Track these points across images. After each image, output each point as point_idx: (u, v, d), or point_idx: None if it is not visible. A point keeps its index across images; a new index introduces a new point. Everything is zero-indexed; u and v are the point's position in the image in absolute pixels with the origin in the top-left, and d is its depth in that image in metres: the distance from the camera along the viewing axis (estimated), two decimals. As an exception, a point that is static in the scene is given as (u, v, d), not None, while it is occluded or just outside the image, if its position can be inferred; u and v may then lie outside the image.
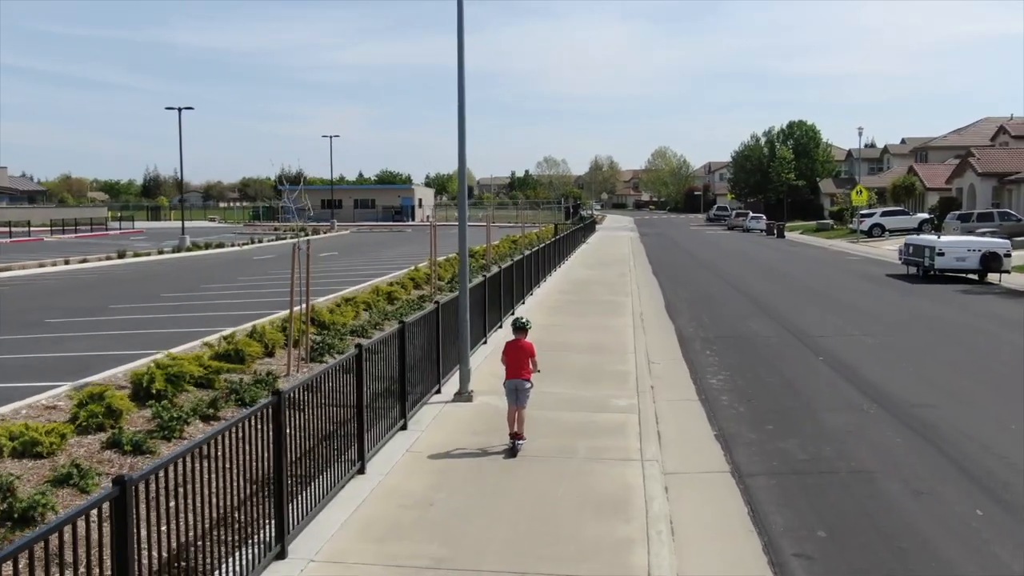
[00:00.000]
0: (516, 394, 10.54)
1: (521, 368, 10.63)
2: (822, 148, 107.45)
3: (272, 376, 13.05)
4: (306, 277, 14.79)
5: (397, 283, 23.78)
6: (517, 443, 10.41)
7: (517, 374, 10.61)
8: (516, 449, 10.34)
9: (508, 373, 10.72)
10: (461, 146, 13.31)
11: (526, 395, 10.62)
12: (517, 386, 10.56)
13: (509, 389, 10.64)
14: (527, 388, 10.62)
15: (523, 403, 10.57)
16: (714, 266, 40.35)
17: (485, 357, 16.45)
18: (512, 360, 10.71)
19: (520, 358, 10.68)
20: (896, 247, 51.37)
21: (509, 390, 10.63)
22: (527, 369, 10.67)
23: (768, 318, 22.81)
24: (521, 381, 10.57)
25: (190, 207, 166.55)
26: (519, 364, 10.65)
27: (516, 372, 10.62)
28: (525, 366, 10.66)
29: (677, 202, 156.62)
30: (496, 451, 10.44)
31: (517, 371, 10.62)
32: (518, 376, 10.59)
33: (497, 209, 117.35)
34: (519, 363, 10.65)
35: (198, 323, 20.15)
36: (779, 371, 16.06)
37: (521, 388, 10.56)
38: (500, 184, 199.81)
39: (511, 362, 10.71)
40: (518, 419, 10.50)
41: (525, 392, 10.60)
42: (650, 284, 31.91)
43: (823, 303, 25.85)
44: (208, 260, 45.21)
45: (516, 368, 10.65)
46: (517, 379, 10.58)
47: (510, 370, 10.69)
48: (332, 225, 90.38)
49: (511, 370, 10.68)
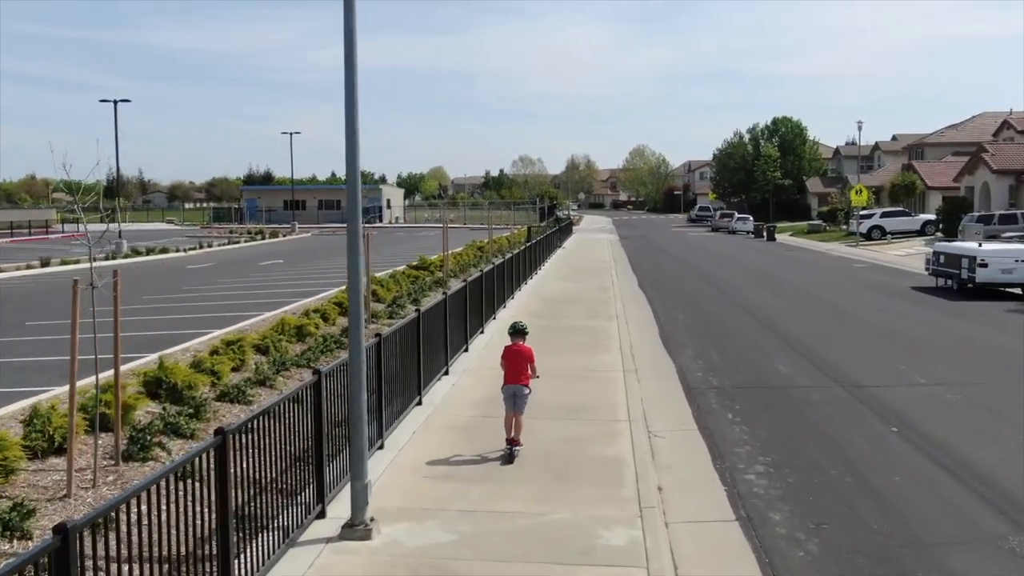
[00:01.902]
0: (514, 400, 10.44)
1: (520, 373, 10.52)
2: (809, 145, 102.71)
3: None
4: (114, 329, 9.42)
5: (319, 309, 18.51)
6: (514, 449, 10.27)
7: (516, 379, 10.50)
8: (513, 455, 10.17)
9: (507, 379, 10.59)
10: (350, 122, 8.13)
11: (524, 401, 10.51)
12: (515, 392, 10.46)
13: (507, 395, 10.52)
14: (525, 394, 10.53)
15: (521, 409, 10.45)
16: (708, 275, 35.34)
17: (417, 428, 11.32)
18: (511, 365, 10.60)
19: (519, 363, 10.57)
20: (903, 252, 46.81)
21: (507, 395, 10.52)
22: (526, 374, 10.56)
23: (794, 352, 17.79)
24: (520, 387, 10.48)
25: (154, 208, 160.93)
26: (518, 369, 10.54)
27: (515, 378, 10.51)
28: (524, 371, 10.55)
29: (656, 202, 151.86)
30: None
31: (516, 376, 10.51)
32: (517, 382, 10.49)
33: (471, 210, 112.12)
34: (518, 368, 10.55)
35: None
36: (843, 455, 10.98)
37: (520, 394, 10.47)
38: (475, 184, 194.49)
39: (510, 367, 10.59)
40: (515, 425, 10.39)
41: (523, 398, 10.50)
42: (637, 300, 26.86)
43: (855, 329, 20.86)
44: (129, 271, 39.69)
45: (515, 373, 10.53)
46: (516, 384, 10.47)
47: (509, 375, 10.57)
48: (293, 227, 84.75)
49: (510, 375, 10.56)
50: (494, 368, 15.79)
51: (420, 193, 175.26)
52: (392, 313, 20.00)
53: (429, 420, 12.09)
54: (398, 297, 21.58)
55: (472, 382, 14.62)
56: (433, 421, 12.06)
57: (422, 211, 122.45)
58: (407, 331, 12.26)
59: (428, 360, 13.43)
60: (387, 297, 21.71)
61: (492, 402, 12.87)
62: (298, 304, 22.58)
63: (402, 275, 25.36)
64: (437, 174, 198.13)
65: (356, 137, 8.17)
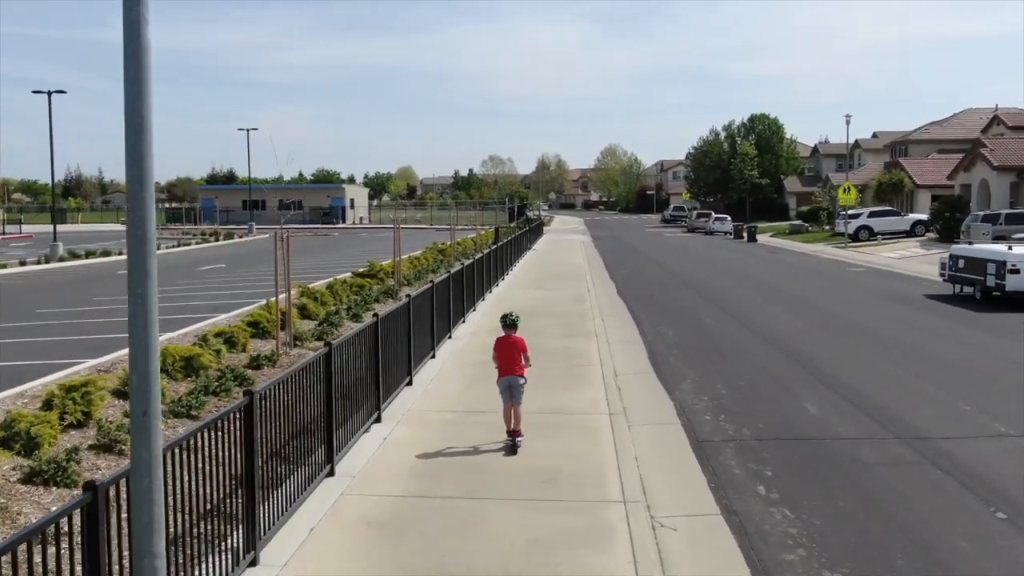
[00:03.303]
0: (510, 391, 10.33)
1: (513, 364, 10.44)
2: (786, 144, 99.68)
3: None
4: None
5: (224, 332, 14.65)
6: (516, 440, 10.18)
7: (510, 371, 10.43)
8: (516, 447, 10.11)
9: (500, 371, 10.50)
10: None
11: (520, 391, 10.37)
12: (511, 383, 10.36)
13: (503, 387, 10.42)
14: (521, 384, 10.38)
15: (518, 399, 10.32)
16: (692, 281, 31.84)
17: (317, 524, 7.58)
18: (503, 357, 10.51)
19: (512, 354, 10.49)
20: (896, 254, 43.61)
21: (503, 388, 10.42)
22: (520, 365, 10.47)
23: (820, 384, 14.26)
24: (515, 378, 10.38)
25: (113, 208, 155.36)
26: (511, 360, 10.46)
27: (508, 369, 10.44)
28: (517, 361, 10.47)
29: (628, 202, 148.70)
30: None
31: (509, 368, 10.45)
32: (511, 373, 10.41)
33: (438, 210, 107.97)
34: (511, 359, 10.47)
35: None
36: (940, 562, 7.42)
37: (515, 384, 10.34)
38: (444, 184, 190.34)
39: (503, 359, 10.52)
40: (514, 416, 10.28)
41: (519, 388, 10.36)
42: (618, 312, 23.30)
43: (883, 351, 17.37)
44: (51, 277, 35.55)
45: (508, 365, 10.46)
46: (510, 376, 10.40)
47: (502, 368, 10.50)
48: (250, 228, 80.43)
49: (503, 368, 10.49)
50: (450, 411, 12.16)
51: (388, 193, 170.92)
52: (323, 333, 16.27)
53: (338, 506, 8.40)
54: (333, 313, 17.78)
55: (412, 433, 10.97)
56: (343, 509, 8.37)
57: (388, 211, 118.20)
58: (313, 370, 8.61)
59: (347, 406, 9.79)
60: (320, 313, 17.94)
61: (442, 468, 9.29)
62: (208, 322, 18.76)
63: (342, 285, 21.49)
64: (406, 174, 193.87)
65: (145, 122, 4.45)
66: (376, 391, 11.28)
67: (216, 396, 11.53)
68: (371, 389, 11.11)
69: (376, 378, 11.23)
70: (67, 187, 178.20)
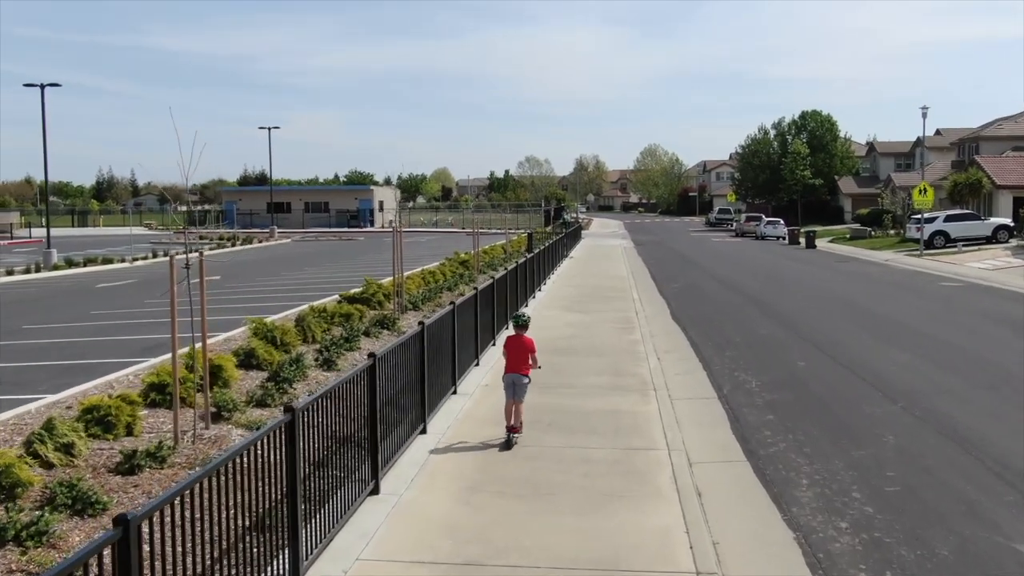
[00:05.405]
0: (514, 388, 10.42)
1: (521, 363, 10.52)
2: (840, 142, 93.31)
3: None
4: None
5: (111, 402, 9.74)
6: (512, 436, 10.27)
7: (516, 368, 10.51)
8: (511, 442, 10.20)
9: (507, 367, 10.61)
10: None
11: (524, 389, 10.50)
12: (515, 380, 10.45)
13: (507, 383, 10.50)
14: (525, 383, 10.51)
15: (520, 397, 10.44)
16: (763, 302, 26.52)
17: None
18: (512, 355, 10.61)
19: (520, 353, 10.57)
20: (986, 264, 37.90)
21: (507, 384, 10.49)
22: (526, 364, 10.56)
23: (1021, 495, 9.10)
24: (520, 376, 10.47)
25: (146, 210, 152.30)
26: (519, 359, 10.55)
27: (515, 367, 10.52)
28: (524, 361, 10.55)
29: (669, 204, 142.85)
30: None
31: (516, 366, 10.52)
32: (517, 371, 10.49)
33: (475, 212, 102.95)
34: (519, 358, 10.55)
35: None
36: None
37: (519, 383, 10.46)
38: (480, 185, 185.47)
39: (511, 356, 10.61)
40: (515, 412, 10.37)
41: (523, 387, 10.49)
42: (677, 347, 18.23)
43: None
44: (23, 291, 31.11)
45: (516, 363, 10.54)
46: (516, 373, 10.48)
47: (509, 364, 10.60)
48: (272, 232, 75.82)
49: (510, 364, 10.58)
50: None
51: (422, 195, 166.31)
52: (266, 397, 11.35)
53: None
54: (292, 361, 12.76)
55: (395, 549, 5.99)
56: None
57: (418, 215, 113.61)
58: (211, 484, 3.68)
59: (311, 511, 4.92)
60: (274, 360, 12.99)
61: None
62: (130, 370, 13.95)
63: (317, 316, 16.37)
64: (441, 175, 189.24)
65: None
66: (299, 516, 6.34)
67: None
68: (341, 485, 6.21)
69: (298, 499, 6.30)
70: (99, 189, 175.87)
